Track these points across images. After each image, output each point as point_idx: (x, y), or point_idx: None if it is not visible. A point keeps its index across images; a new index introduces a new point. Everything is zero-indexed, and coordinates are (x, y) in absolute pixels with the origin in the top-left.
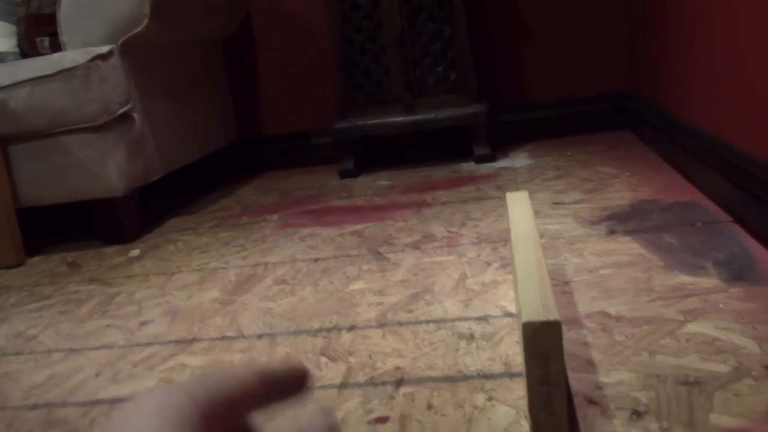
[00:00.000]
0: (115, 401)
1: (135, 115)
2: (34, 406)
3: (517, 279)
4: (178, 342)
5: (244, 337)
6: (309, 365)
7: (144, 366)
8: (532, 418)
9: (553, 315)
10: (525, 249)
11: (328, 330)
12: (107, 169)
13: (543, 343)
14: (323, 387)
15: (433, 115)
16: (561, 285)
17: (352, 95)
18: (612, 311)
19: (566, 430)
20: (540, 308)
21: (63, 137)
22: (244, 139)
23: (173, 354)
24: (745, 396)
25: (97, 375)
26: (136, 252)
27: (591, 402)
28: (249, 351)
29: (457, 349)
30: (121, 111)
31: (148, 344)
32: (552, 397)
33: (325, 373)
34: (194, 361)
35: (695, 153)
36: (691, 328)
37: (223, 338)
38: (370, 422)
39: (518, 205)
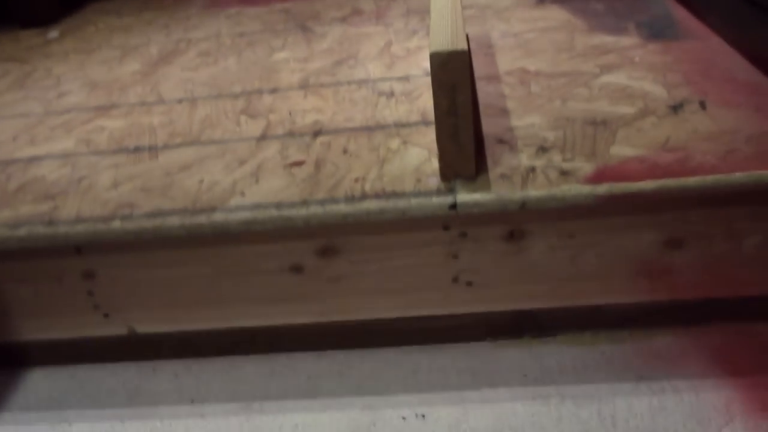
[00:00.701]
0: (32, 159)
1: None
2: None
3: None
4: (97, 108)
5: (164, 102)
6: (228, 123)
7: (62, 129)
8: (439, 149)
9: (460, 45)
10: None
11: (249, 93)
12: None
13: (450, 73)
14: (242, 140)
15: None
16: (485, 48)
17: None
18: (531, 68)
19: (472, 159)
20: (448, 40)
21: None
22: None
23: (92, 118)
24: (646, 131)
25: (14, 139)
26: (54, 34)
27: (501, 141)
28: (169, 113)
29: (376, 105)
30: None
31: (67, 111)
32: (458, 128)
33: (245, 128)
34: (113, 123)
35: None
36: (605, 79)
37: (143, 104)
38: (286, 166)
39: None
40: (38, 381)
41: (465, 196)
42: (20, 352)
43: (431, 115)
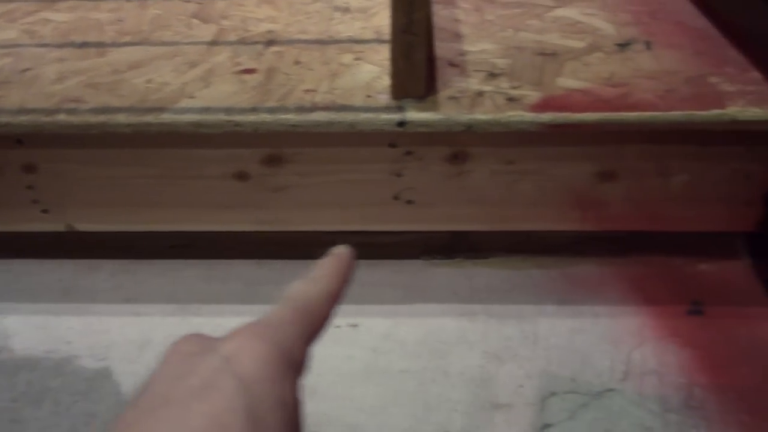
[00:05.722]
0: None
1: None
2: None
3: None
4: (40, 0)
5: None
6: (179, 26)
7: (5, 19)
8: (392, 66)
9: None
10: None
11: None
12: None
13: None
14: (192, 44)
15: None
16: None
17: None
18: None
19: (423, 78)
20: None
21: None
22: None
23: (37, 10)
24: (593, 66)
25: None
26: None
27: (452, 65)
28: (117, 11)
29: (331, 19)
30: None
31: (10, 1)
32: (413, 46)
33: (196, 32)
34: (58, 17)
35: None
36: (558, 12)
37: None
38: (236, 73)
39: None
40: None
41: (413, 115)
42: None
43: (386, 33)
